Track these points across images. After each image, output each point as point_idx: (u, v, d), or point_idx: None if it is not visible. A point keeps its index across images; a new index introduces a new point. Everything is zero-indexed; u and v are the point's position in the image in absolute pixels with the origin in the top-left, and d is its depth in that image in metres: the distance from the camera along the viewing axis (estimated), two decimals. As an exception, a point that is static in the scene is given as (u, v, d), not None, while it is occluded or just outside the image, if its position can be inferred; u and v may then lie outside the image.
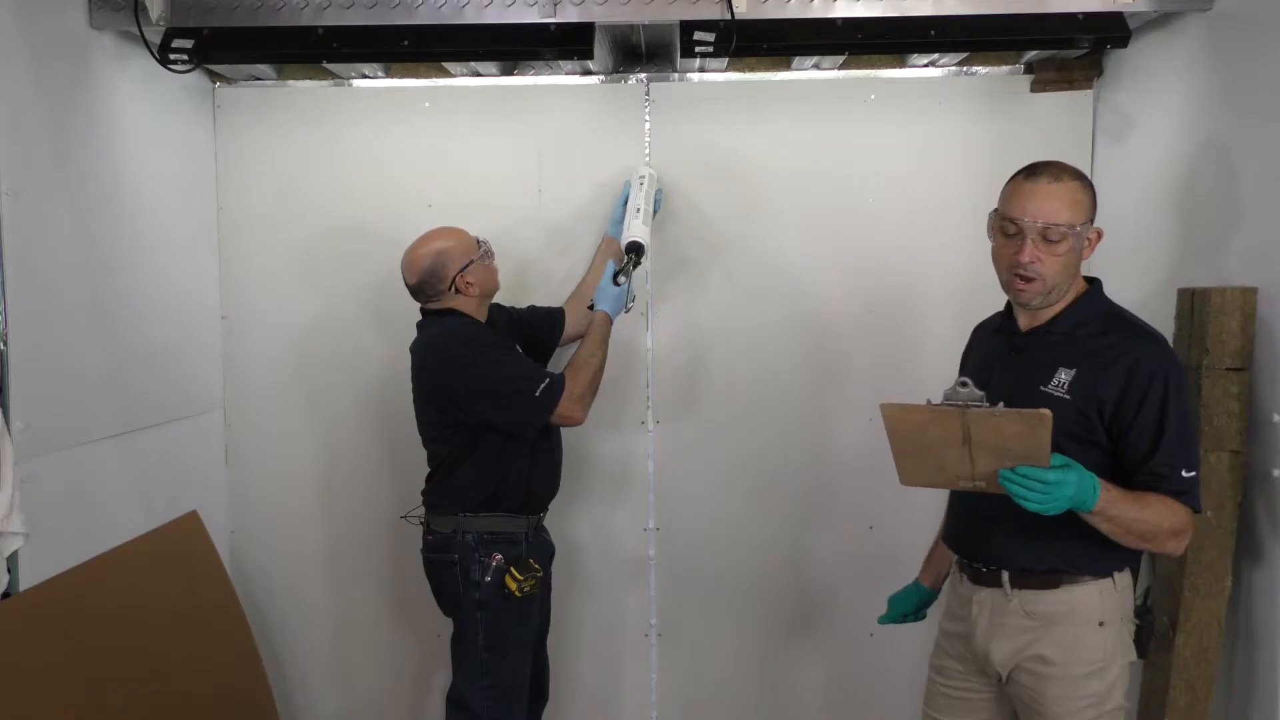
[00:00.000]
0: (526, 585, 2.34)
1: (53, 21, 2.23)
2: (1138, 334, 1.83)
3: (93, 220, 2.34)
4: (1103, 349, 1.80)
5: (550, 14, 2.33)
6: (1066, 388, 1.79)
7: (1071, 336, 1.84)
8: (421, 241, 2.42)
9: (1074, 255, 1.81)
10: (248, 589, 2.89)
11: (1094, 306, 1.88)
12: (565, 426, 2.41)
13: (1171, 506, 1.73)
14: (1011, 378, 1.87)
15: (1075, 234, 1.78)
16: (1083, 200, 1.81)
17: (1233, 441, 2.01)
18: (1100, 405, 1.77)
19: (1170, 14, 2.33)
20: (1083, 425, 1.78)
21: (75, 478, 2.25)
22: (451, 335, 2.37)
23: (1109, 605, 1.83)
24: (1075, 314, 1.86)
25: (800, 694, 2.95)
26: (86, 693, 2.01)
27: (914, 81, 2.80)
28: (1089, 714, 1.81)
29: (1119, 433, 1.77)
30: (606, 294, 2.47)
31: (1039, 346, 1.87)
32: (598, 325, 2.45)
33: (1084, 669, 1.81)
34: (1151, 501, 1.73)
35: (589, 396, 2.37)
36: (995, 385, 1.81)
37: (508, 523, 2.39)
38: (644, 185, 2.64)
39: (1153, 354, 1.78)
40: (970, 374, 1.89)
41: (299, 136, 2.85)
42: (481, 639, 2.36)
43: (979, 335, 2.12)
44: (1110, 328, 1.84)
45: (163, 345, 2.62)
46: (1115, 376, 1.76)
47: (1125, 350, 1.78)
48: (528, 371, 2.36)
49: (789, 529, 2.90)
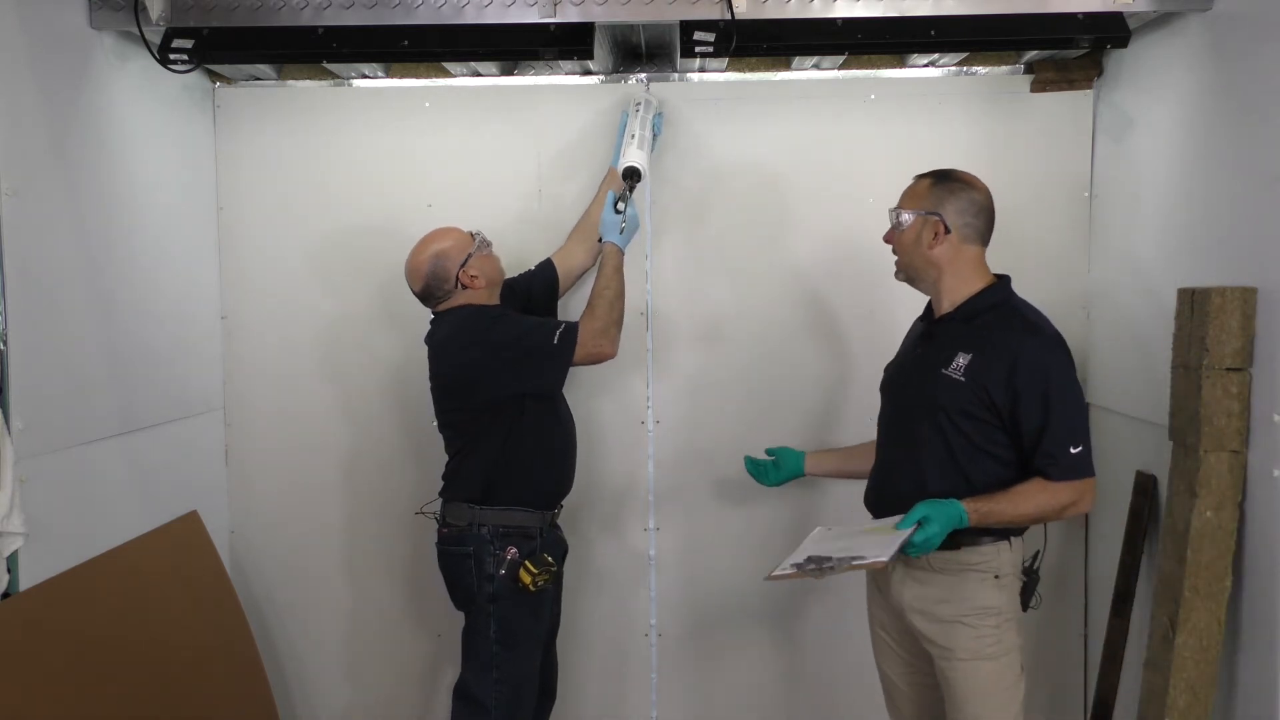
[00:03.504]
0: (540, 580, 2.35)
1: (53, 21, 2.22)
2: (1023, 327, 2.03)
3: (93, 220, 2.34)
4: (994, 339, 2.01)
5: (550, 14, 2.33)
6: (963, 371, 2.01)
7: (970, 324, 2.06)
8: (418, 249, 2.43)
9: (911, 240, 2.09)
10: (248, 589, 2.89)
11: (992, 298, 2.08)
12: (600, 362, 2.40)
13: (1051, 490, 1.97)
14: (917, 360, 2.15)
15: (901, 220, 2.10)
16: (918, 193, 2.11)
17: (1233, 441, 2.01)
18: (989, 392, 1.98)
19: (1170, 14, 2.32)
20: (977, 405, 2.00)
21: (75, 478, 2.25)
22: (466, 321, 2.39)
23: (1004, 562, 2.05)
24: (975, 304, 2.08)
25: (801, 693, 2.95)
26: (86, 693, 2.01)
27: (914, 81, 2.80)
28: (990, 650, 2.03)
29: (1011, 421, 1.99)
30: (610, 223, 2.49)
31: (946, 332, 2.10)
32: (608, 257, 2.46)
33: (982, 614, 2.03)
34: (1029, 493, 1.98)
35: (614, 328, 2.38)
36: (907, 370, 2.19)
37: (523, 517, 2.40)
38: (640, 111, 2.64)
39: (1033, 348, 1.99)
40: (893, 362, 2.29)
41: (299, 136, 2.86)
42: (493, 632, 2.37)
43: (915, 323, 2.30)
44: (1001, 319, 2.05)
45: (163, 345, 2.62)
46: (1001, 370, 1.98)
47: (1009, 343, 1.99)
48: (538, 327, 2.38)
49: (790, 529, 2.89)
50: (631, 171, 2.51)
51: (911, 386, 2.15)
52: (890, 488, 2.14)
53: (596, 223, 2.58)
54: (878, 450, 2.25)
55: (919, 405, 2.09)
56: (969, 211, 2.07)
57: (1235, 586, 2.04)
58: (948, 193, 2.08)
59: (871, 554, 1.89)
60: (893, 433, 2.20)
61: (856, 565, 1.90)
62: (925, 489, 2.02)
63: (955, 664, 2.05)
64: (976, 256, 2.10)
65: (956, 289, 2.09)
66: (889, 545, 1.90)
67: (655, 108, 2.70)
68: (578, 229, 2.72)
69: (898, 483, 2.11)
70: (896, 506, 2.04)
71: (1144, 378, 2.42)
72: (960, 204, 2.07)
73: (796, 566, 1.95)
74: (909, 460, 2.09)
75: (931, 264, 2.09)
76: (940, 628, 2.06)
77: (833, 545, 2.02)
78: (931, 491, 2.00)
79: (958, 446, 2.02)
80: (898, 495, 2.07)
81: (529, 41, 2.42)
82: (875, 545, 1.93)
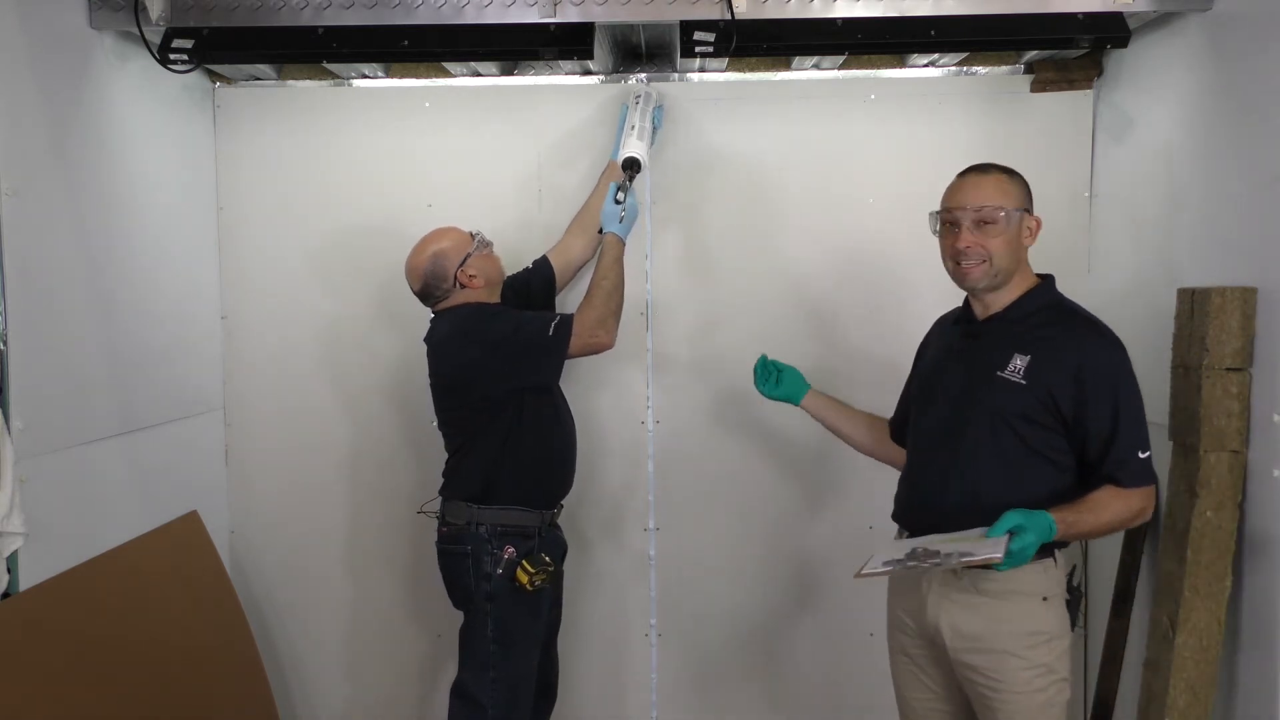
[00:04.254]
0: (538, 579, 2.35)
1: (53, 21, 2.22)
2: (1084, 326, 1.95)
3: (93, 220, 2.34)
4: (1053, 337, 1.92)
5: (550, 14, 2.33)
6: (1022, 373, 1.91)
7: (1024, 324, 1.96)
8: (417, 249, 2.44)
9: (1013, 237, 1.94)
10: (248, 589, 2.89)
11: (1045, 298, 2.00)
12: (599, 352, 2.39)
13: (1124, 497, 1.88)
14: (966, 363, 2.01)
15: (1004, 216, 1.93)
16: (1010, 188, 1.97)
17: (1233, 441, 2.01)
18: (1054, 395, 1.89)
19: (1170, 14, 2.33)
20: (1039, 410, 1.90)
21: (75, 478, 2.25)
22: (464, 320, 2.39)
23: (1051, 581, 1.93)
24: (1027, 303, 1.98)
25: (800, 693, 2.95)
26: (86, 693, 2.01)
27: (914, 81, 2.80)
28: (1040, 682, 1.90)
29: (1077, 426, 1.89)
30: (611, 213, 2.48)
31: (994, 333, 1.99)
32: (608, 247, 2.45)
33: (1032, 640, 1.91)
34: (1105, 502, 1.87)
35: (611, 319, 2.37)
36: (952, 374, 2.03)
37: (522, 516, 2.40)
38: (640, 104, 2.65)
39: (1098, 349, 1.90)
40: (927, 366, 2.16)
41: (299, 136, 2.86)
42: (490, 631, 2.37)
43: (938, 328, 2.23)
44: (1059, 317, 1.96)
45: (163, 345, 2.62)
46: (1066, 371, 1.88)
47: (1073, 342, 1.91)
48: (533, 320, 2.38)
49: (789, 529, 2.90)
50: (631, 162, 2.51)
51: (960, 392, 2.00)
52: (936, 498, 2.00)
53: (595, 215, 2.58)
54: (914, 461, 2.11)
55: (971, 410, 1.96)
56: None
57: (1235, 586, 2.04)
58: (1026, 187, 2.00)
59: (982, 552, 1.75)
60: (934, 440, 2.04)
61: (967, 562, 1.77)
62: (979, 498, 1.91)
63: (1005, 696, 1.90)
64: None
65: (1015, 286, 1.99)
66: (994, 547, 1.75)
67: (656, 100, 2.70)
68: (575, 222, 2.72)
69: (945, 492, 1.98)
70: (945, 517, 1.94)
71: (1144, 377, 2.40)
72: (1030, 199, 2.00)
73: (894, 563, 1.82)
74: (957, 468, 1.96)
75: (1020, 262, 1.98)
76: (988, 658, 1.92)
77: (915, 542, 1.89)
78: (986, 501, 1.88)
79: (1013, 452, 1.91)
80: (947, 505, 1.96)
81: (529, 41, 2.42)
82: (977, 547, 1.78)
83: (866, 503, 2.82)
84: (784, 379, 2.45)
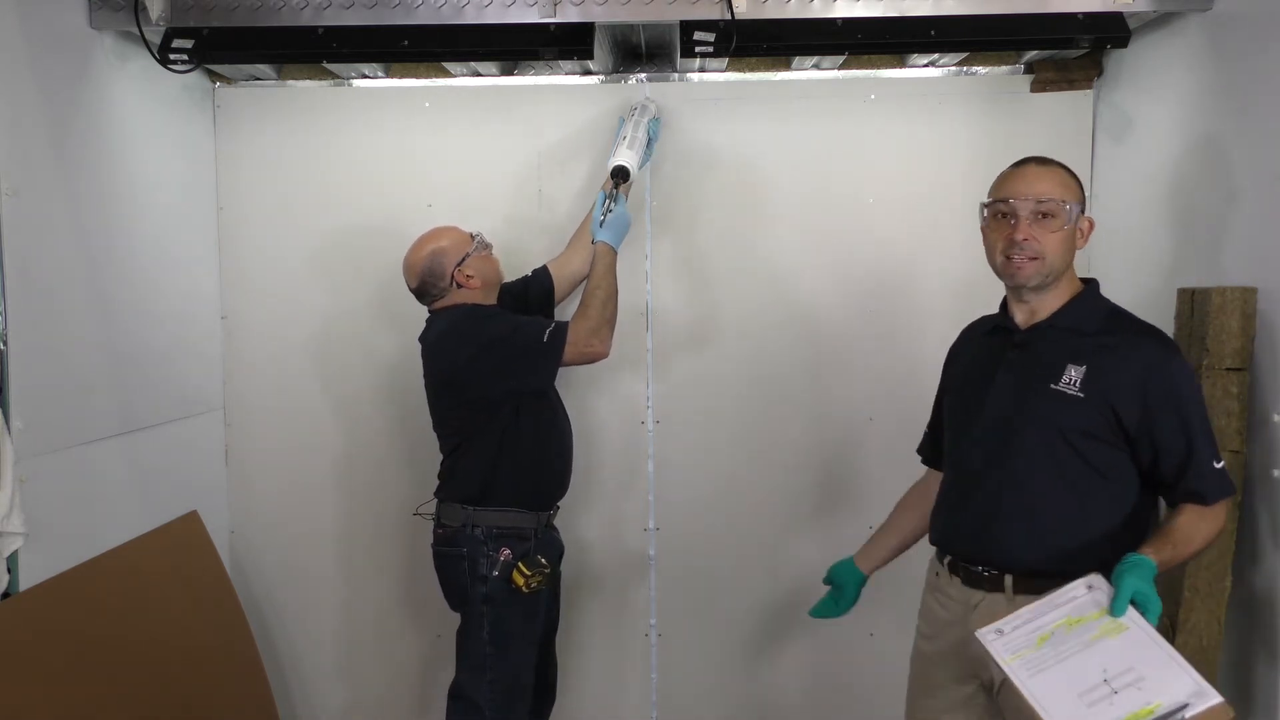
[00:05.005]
0: (534, 581, 2.34)
1: (53, 21, 2.22)
2: (1145, 334, 1.83)
3: (93, 220, 2.34)
4: (1113, 347, 1.79)
5: (550, 14, 2.33)
6: (1079, 385, 1.78)
7: (1076, 332, 1.83)
8: (416, 246, 2.44)
9: (1069, 235, 1.82)
10: (248, 589, 2.89)
11: (1095, 303, 1.88)
12: (593, 361, 2.38)
13: (1209, 516, 1.75)
14: (1014, 375, 1.87)
15: (1067, 210, 1.80)
16: (1070, 184, 1.85)
17: (1233, 441, 2.01)
18: (1115, 409, 1.76)
19: (1170, 14, 2.33)
20: (1099, 424, 1.77)
21: (75, 478, 2.25)
22: (459, 320, 2.38)
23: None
24: (1077, 310, 1.85)
25: (801, 693, 2.95)
26: (86, 693, 2.01)
27: (914, 81, 2.80)
28: None
29: (1147, 441, 1.76)
30: (598, 224, 2.48)
31: (1044, 342, 1.85)
32: (600, 256, 2.44)
33: None
34: (1192, 525, 1.74)
35: (605, 328, 2.36)
36: (998, 386, 1.87)
37: (517, 518, 2.39)
38: (635, 115, 2.65)
39: (1163, 359, 1.77)
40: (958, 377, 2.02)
41: (299, 136, 2.86)
42: (486, 633, 2.37)
43: (968, 337, 2.10)
44: (1115, 326, 1.84)
45: (163, 345, 2.62)
46: (1131, 383, 1.75)
47: (1134, 351, 1.78)
48: (529, 324, 2.37)
49: (789, 529, 2.90)
50: (619, 170, 2.51)
51: (1010, 407, 1.85)
52: (989, 525, 1.85)
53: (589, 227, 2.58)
54: (958, 484, 1.96)
55: (1023, 426, 1.82)
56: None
57: (1235, 586, 2.04)
58: (1082, 187, 1.88)
59: (1184, 694, 1.52)
60: (981, 461, 1.89)
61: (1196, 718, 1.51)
62: (1036, 522, 1.80)
63: None
64: None
65: (1063, 291, 1.86)
66: (1172, 664, 1.56)
67: (653, 112, 2.70)
68: (576, 236, 2.71)
69: (997, 517, 1.84)
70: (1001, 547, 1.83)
71: (1144, 378, 2.42)
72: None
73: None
74: (1013, 491, 1.83)
75: (1069, 265, 1.85)
76: None
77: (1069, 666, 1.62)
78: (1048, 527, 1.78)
79: (1073, 472, 1.78)
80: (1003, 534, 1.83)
81: (529, 41, 2.42)
82: (1147, 666, 1.57)
83: (866, 503, 2.82)
84: (841, 589, 2.25)
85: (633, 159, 2.54)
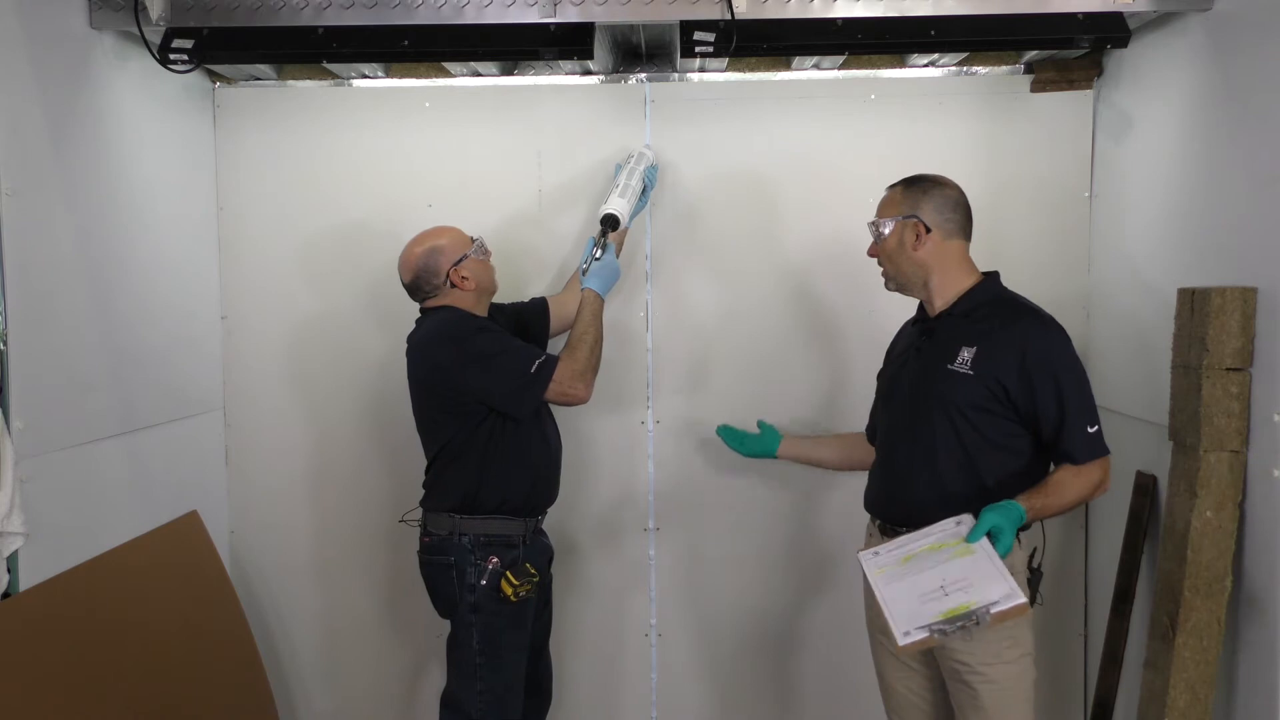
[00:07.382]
0: (522, 590, 2.33)
1: (53, 21, 2.22)
2: (1023, 315, 2.05)
3: (93, 220, 2.34)
4: (998, 328, 2.03)
5: (550, 14, 2.33)
6: (970, 364, 2.02)
7: (968, 318, 2.08)
8: (415, 241, 2.43)
9: (894, 249, 2.12)
10: (247, 589, 2.89)
11: (986, 292, 2.11)
12: (571, 404, 2.38)
13: (1082, 473, 2.00)
14: (922, 359, 2.13)
15: (877, 228, 2.14)
16: (897, 199, 2.14)
17: (1233, 441, 2.01)
18: (1002, 383, 1.99)
19: (1170, 14, 2.33)
20: (988, 399, 2.01)
21: (75, 478, 2.25)
22: (447, 324, 2.37)
23: (1015, 559, 1.99)
24: (970, 299, 2.10)
25: (801, 692, 2.95)
26: (86, 693, 2.01)
27: (914, 81, 2.81)
28: (1012, 654, 2.01)
29: (1027, 411, 2.00)
30: (582, 271, 2.48)
31: (944, 329, 2.11)
32: (586, 304, 2.44)
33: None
34: (1066, 481, 2.00)
35: (589, 373, 2.36)
36: (909, 370, 2.16)
37: (504, 525, 2.38)
38: (630, 163, 2.65)
39: (1039, 334, 2.01)
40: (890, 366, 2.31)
41: (299, 136, 2.86)
42: (476, 642, 2.36)
43: (903, 330, 2.34)
44: (1000, 310, 2.07)
45: (163, 345, 2.62)
46: (1010, 359, 1.99)
47: (1013, 331, 2.01)
48: (521, 349, 2.37)
49: (789, 528, 2.90)
50: (608, 218, 2.51)
51: (916, 386, 2.13)
52: (903, 490, 2.13)
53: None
54: (881, 455, 2.24)
55: (927, 404, 2.08)
56: (946, 208, 2.10)
57: (1235, 586, 2.04)
58: (921, 194, 2.11)
59: (997, 594, 1.82)
60: (898, 436, 2.18)
61: (1000, 614, 1.81)
62: (943, 489, 2.04)
63: (975, 671, 2.01)
64: (961, 251, 2.13)
65: (947, 286, 2.12)
66: (998, 575, 1.84)
67: (650, 160, 2.70)
68: (574, 277, 2.70)
69: (911, 485, 2.10)
70: (913, 507, 2.07)
71: (1144, 378, 2.42)
72: (935, 202, 2.10)
73: (934, 631, 1.83)
74: (921, 461, 2.08)
75: (918, 265, 2.11)
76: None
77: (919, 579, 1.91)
78: (951, 491, 2.02)
79: (970, 442, 2.03)
80: (913, 498, 2.09)
81: (529, 41, 2.42)
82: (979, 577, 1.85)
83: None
84: (752, 437, 2.61)
85: (624, 207, 2.53)
